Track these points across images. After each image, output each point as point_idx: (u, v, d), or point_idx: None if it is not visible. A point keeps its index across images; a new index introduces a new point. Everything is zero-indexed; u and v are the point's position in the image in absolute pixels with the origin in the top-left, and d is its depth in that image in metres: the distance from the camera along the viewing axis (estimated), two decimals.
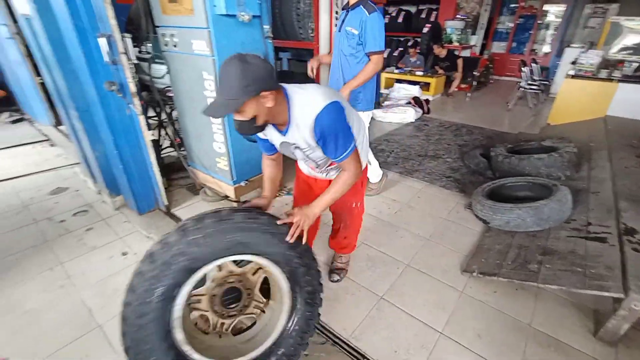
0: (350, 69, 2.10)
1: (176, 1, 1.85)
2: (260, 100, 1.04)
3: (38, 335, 1.58)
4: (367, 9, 1.91)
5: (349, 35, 2.00)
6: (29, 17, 1.93)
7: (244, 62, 0.98)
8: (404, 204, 2.77)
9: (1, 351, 1.51)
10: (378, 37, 1.93)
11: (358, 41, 1.98)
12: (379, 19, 1.91)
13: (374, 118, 5.08)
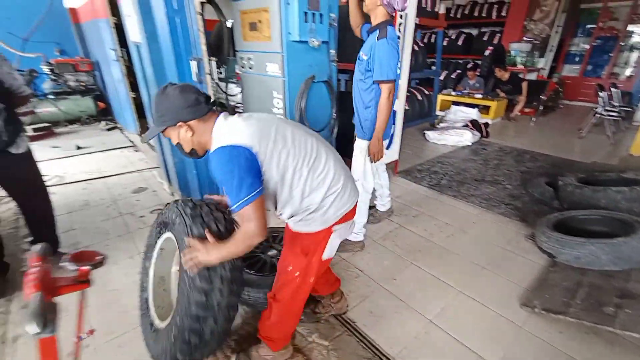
0: (360, 95, 2.01)
1: (256, 29, 2.10)
2: (179, 130, 1.08)
3: (119, 313, 1.82)
4: (379, 34, 1.79)
5: (360, 60, 1.93)
6: (139, 44, 2.33)
7: (162, 94, 1.05)
8: (458, 228, 2.68)
9: (89, 323, 1.76)
10: (385, 65, 1.79)
11: (367, 67, 1.89)
12: (386, 46, 1.77)
13: (428, 139, 5.02)
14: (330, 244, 1.26)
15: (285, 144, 1.10)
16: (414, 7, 2.87)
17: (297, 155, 1.11)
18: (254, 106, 2.49)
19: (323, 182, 1.15)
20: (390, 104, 1.88)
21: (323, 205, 1.17)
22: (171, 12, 1.97)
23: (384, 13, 1.83)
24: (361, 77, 1.95)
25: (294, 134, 1.15)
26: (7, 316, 1.80)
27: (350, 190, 1.25)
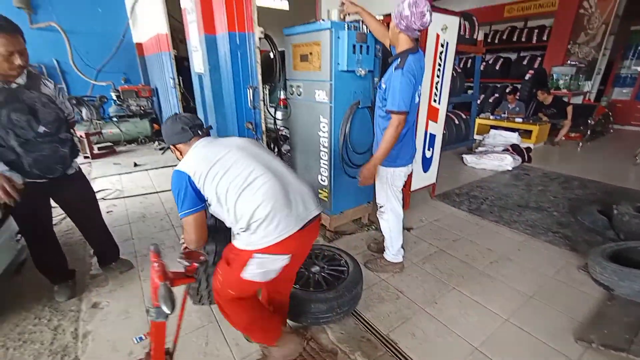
0: (378, 122, 2.03)
1: (307, 60, 2.30)
2: (174, 150, 1.45)
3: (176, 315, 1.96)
4: (398, 64, 1.77)
5: (379, 89, 1.94)
6: (202, 74, 2.63)
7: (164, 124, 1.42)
8: (501, 255, 2.60)
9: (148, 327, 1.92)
10: (397, 96, 1.76)
11: (384, 95, 1.89)
12: (400, 77, 1.74)
13: (466, 163, 4.95)
14: (250, 268, 1.27)
15: (222, 171, 1.26)
16: (454, 35, 2.98)
17: (228, 182, 1.25)
18: (301, 129, 2.66)
19: (248, 208, 1.23)
20: (396, 134, 1.84)
21: (249, 228, 1.24)
22: (234, 47, 2.23)
23: (406, 40, 1.80)
24: (380, 104, 1.96)
25: (237, 162, 1.29)
26: (78, 314, 2.01)
27: (280, 222, 1.23)
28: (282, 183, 1.31)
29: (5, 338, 1.82)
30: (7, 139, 1.63)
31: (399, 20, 1.74)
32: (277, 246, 1.24)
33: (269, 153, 1.47)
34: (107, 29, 5.78)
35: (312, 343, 1.75)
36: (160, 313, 0.81)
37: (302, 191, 1.36)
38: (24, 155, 1.69)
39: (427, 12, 1.68)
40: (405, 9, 1.69)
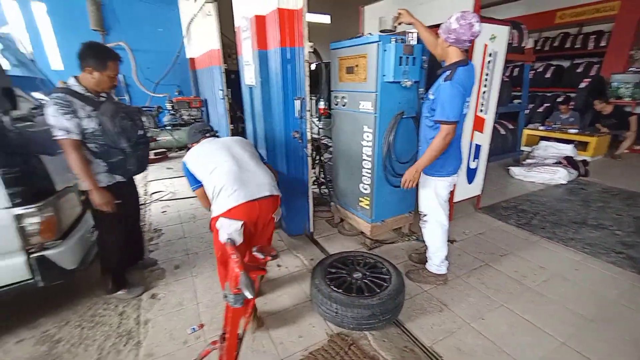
0: (425, 131, 2.04)
1: (353, 72, 2.38)
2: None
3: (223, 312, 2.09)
4: (447, 76, 1.79)
5: (427, 99, 1.95)
6: (253, 86, 2.81)
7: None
8: (555, 273, 2.45)
9: (200, 318, 2.05)
10: (447, 106, 1.77)
11: (432, 106, 1.90)
12: (449, 89, 1.76)
13: (513, 176, 4.71)
14: (220, 232, 1.70)
15: (206, 159, 1.83)
16: (503, 45, 2.91)
17: (207, 167, 1.79)
18: (344, 138, 2.74)
19: (216, 184, 1.72)
20: (444, 144, 1.85)
21: (214, 198, 1.74)
22: (285, 61, 2.38)
23: (456, 53, 1.82)
24: (427, 114, 1.97)
25: (216, 153, 1.84)
26: (140, 303, 2.21)
27: (232, 194, 1.68)
28: (241, 168, 1.80)
29: (81, 319, 2.05)
30: (118, 142, 1.95)
31: (447, 34, 1.77)
32: (230, 212, 1.67)
33: (243, 149, 1.95)
34: (166, 46, 6.37)
35: (353, 348, 1.78)
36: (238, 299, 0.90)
37: (257, 176, 1.83)
38: (130, 155, 2.03)
39: (475, 23, 1.70)
40: (453, 22, 1.73)
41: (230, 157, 1.82)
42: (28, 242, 1.77)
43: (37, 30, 5.55)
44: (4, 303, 2.14)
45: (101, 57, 1.88)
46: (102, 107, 1.92)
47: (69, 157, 1.83)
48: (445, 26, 1.77)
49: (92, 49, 1.88)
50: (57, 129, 1.77)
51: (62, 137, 1.78)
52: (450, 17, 1.74)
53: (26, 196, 1.72)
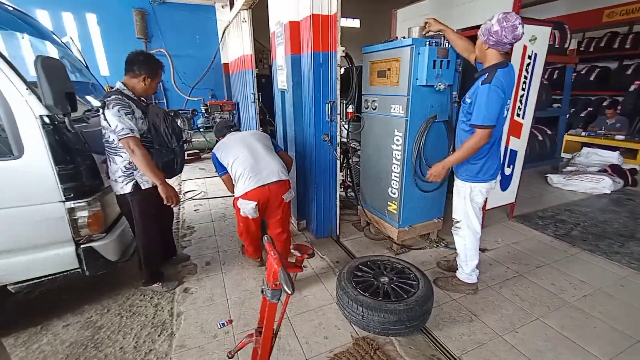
0: (461, 135, 1.99)
1: (385, 76, 2.38)
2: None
3: (250, 310, 2.15)
4: (485, 79, 1.74)
5: (464, 103, 1.91)
6: (285, 90, 2.89)
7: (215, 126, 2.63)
8: (598, 288, 2.29)
9: (229, 314, 2.12)
10: (484, 109, 1.72)
11: (469, 110, 1.85)
12: (487, 92, 1.70)
13: (551, 184, 4.47)
14: (240, 208, 2.21)
15: (227, 152, 2.31)
16: (544, 46, 2.79)
17: (229, 157, 2.28)
18: (373, 142, 2.73)
19: (236, 172, 2.22)
20: (476, 147, 1.81)
21: (235, 183, 2.27)
22: (317, 65, 2.42)
23: (495, 55, 1.77)
24: (464, 118, 1.93)
25: (236, 145, 2.32)
26: (173, 296, 2.32)
27: (251, 179, 2.16)
28: (255, 158, 2.24)
29: (120, 308, 2.19)
30: (170, 142, 2.14)
31: (487, 36, 1.72)
32: (246, 195, 2.17)
33: (258, 140, 2.38)
34: (202, 52, 6.68)
35: (379, 353, 1.76)
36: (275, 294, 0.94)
37: (269, 164, 2.25)
38: (179, 155, 2.23)
39: (519, 24, 1.64)
40: (494, 24, 1.67)
41: (246, 149, 2.28)
42: (78, 233, 1.92)
43: (89, 38, 6.01)
44: (53, 290, 2.35)
45: (154, 66, 2.06)
46: (153, 109, 2.09)
47: (135, 153, 1.89)
48: (485, 28, 1.71)
49: (148, 58, 2.05)
50: (121, 127, 1.85)
51: (127, 135, 1.86)
52: (491, 18, 1.68)
53: (78, 191, 1.87)
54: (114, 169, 2.02)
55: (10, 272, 1.83)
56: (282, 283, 0.88)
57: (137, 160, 1.93)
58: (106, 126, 1.92)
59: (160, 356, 1.79)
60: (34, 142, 1.71)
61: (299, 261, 1.16)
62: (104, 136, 1.98)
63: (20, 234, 1.81)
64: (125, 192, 2.04)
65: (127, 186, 2.03)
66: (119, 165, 2.01)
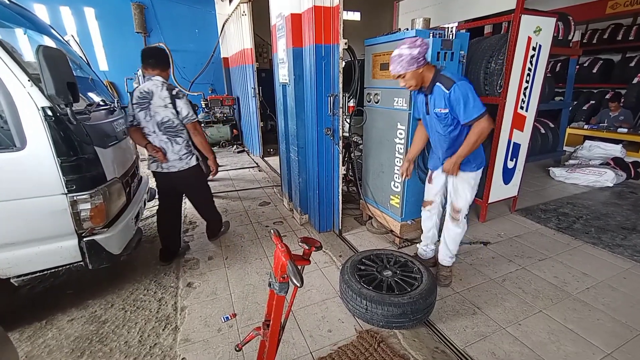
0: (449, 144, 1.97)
1: (387, 69, 2.34)
2: None
3: (254, 304, 2.16)
4: (445, 85, 1.77)
5: (440, 116, 1.88)
6: (286, 84, 2.86)
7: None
8: (600, 281, 2.29)
9: (232, 308, 2.13)
10: (471, 101, 1.73)
11: (451, 119, 1.85)
12: (460, 88, 1.73)
13: (553, 177, 4.46)
14: None
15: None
16: (548, 38, 2.76)
17: None
18: (376, 136, 2.71)
19: None
20: (486, 134, 1.80)
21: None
22: (319, 58, 2.39)
23: (430, 68, 1.83)
24: (449, 129, 1.90)
25: None
26: (177, 290, 2.32)
27: None
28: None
29: (124, 303, 2.20)
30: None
31: (417, 63, 1.76)
32: None
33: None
34: (201, 46, 6.63)
35: (382, 345, 1.76)
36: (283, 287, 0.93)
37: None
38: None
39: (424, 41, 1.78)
40: (413, 51, 1.74)
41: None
42: (81, 226, 1.91)
43: (88, 33, 5.96)
44: (57, 285, 2.36)
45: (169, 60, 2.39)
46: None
47: (199, 134, 2.39)
48: (407, 61, 1.75)
49: (167, 54, 2.35)
50: (191, 114, 2.29)
51: (194, 119, 2.33)
52: (401, 53, 1.76)
53: (80, 184, 1.86)
54: (176, 148, 2.37)
55: (14, 264, 1.83)
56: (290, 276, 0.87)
57: (200, 138, 2.40)
58: (171, 113, 2.25)
59: (165, 350, 1.80)
60: (36, 134, 1.70)
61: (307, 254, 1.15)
62: (164, 123, 2.28)
63: (23, 227, 1.80)
64: (191, 164, 2.44)
65: (191, 160, 2.44)
66: (182, 145, 2.38)
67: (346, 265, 2.13)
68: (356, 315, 1.95)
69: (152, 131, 2.32)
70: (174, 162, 2.38)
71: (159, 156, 2.33)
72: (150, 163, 2.45)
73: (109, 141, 2.20)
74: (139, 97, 2.26)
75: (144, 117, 2.28)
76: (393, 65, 1.80)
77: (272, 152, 5.84)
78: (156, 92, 2.21)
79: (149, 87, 2.22)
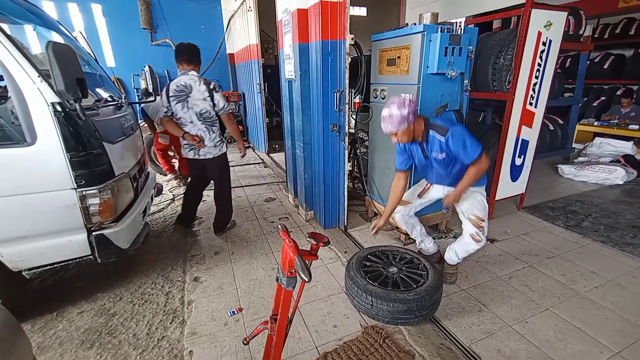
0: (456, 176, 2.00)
1: (394, 65, 2.34)
2: None
3: (259, 299, 2.17)
4: (439, 132, 1.85)
5: (439, 161, 1.95)
6: (292, 80, 2.86)
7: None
8: (609, 280, 2.27)
9: (239, 302, 2.15)
10: (469, 145, 1.80)
11: (448, 160, 1.92)
12: (455, 134, 1.80)
13: (562, 174, 4.40)
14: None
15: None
16: (559, 33, 2.71)
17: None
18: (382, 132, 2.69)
19: None
20: (484, 170, 1.87)
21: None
22: (325, 54, 2.38)
23: (417, 122, 1.88)
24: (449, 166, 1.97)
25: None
26: (184, 284, 2.35)
27: None
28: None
29: (132, 296, 2.23)
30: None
31: (407, 121, 1.80)
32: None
33: None
34: (207, 42, 6.62)
35: (387, 341, 1.77)
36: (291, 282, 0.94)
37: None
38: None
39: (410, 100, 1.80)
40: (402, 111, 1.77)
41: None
42: (90, 221, 1.94)
43: (95, 29, 6.00)
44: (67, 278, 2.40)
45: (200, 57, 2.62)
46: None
47: (233, 123, 2.70)
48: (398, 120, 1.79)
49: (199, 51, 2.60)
50: (226, 105, 2.59)
51: (229, 110, 2.63)
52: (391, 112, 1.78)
53: (89, 179, 1.89)
54: (212, 136, 2.62)
55: (25, 258, 1.87)
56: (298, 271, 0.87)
57: (234, 127, 2.72)
58: (209, 105, 2.52)
59: (173, 343, 1.82)
60: (46, 129, 1.72)
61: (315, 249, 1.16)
62: (203, 114, 2.53)
63: (34, 221, 1.83)
64: (223, 151, 2.72)
65: (223, 147, 2.72)
66: (216, 133, 2.64)
67: (352, 262, 2.14)
68: (361, 311, 1.96)
69: (190, 121, 2.55)
70: (210, 149, 2.63)
71: (198, 144, 2.56)
72: (188, 151, 2.68)
73: (117, 137, 2.22)
74: (176, 90, 2.47)
75: (182, 109, 2.51)
76: (385, 124, 1.85)
77: (277, 148, 5.85)
78: (194, 86, 2.45)
79: (185, 81, 2.45)
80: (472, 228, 2.01)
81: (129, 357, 1.74)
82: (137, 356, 1.74)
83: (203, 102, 2.49)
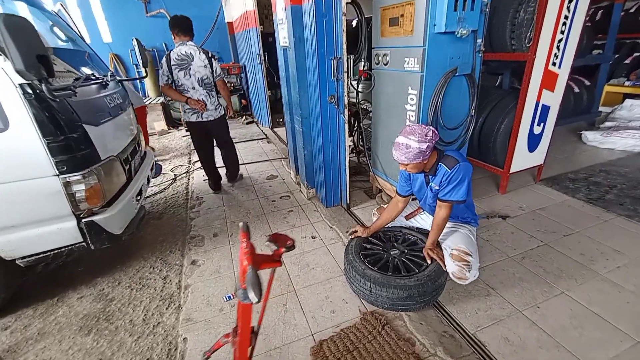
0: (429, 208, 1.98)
1: (397, 24, 2.06)
2: None
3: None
4: (448, 164, 1.71)
5: (434, 191, 1.82)
6: (287, 48, 2.61)
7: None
8: (634, 259, 2.08)
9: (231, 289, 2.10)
10: (463, 188, 1.69)
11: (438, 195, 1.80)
12: (464, 169, 1.68)
13: (585, 142, 4.07)
14: None
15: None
16: None
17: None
18: (385, 102, 2.47)
19: None
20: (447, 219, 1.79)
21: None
22: (320, 15, 2.12)
23: (432, 155, 1.73)
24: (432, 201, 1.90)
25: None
26: (181, 268, 2.31)
27: None
28: None
29: (130, 281, 2.21)
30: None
31: (423, 154, 1.64)
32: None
33: None
34: (204, 11, 6.27)
35: (387, 328, 1.68)
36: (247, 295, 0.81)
37: None
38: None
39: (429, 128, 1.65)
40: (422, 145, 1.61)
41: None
42: (77, 207, 1.87)
43: (88, 4, 5.72)
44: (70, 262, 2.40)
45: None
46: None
47: (226, 87, 3.04)
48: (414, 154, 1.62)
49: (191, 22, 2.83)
50: (222, 73, 2.94)
51: (223, 76, 2.95)
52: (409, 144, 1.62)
53: (71, 164, 1.79)
54: (212, 100, 2.95)
55: (15, 246, 1.83)
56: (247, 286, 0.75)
57: (226, 91, 3.04)
58: (209, 72, 2.85)
59: (168, 329, 1.80)
60: (17, 113, 1.61)
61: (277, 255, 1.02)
62: (204, 80, 2.86)
63: (18, 209, 1.77)
64: (222, 113, 3.06)
65: (222, 110, 3.05)
66: (215, 97, 2.97)
67: (351, 244, 2.02)
68: (360, 296, 1.87)
69: (192, 87, 2.85)
70: (211, 112, 2.97)
71: (201, 107, 2.87)
72: (191, 115, 2.96)
73: (101, 118, 2.09)
74: (178, 59, 2.75)
75: (184, 76, 2.80)
76: (398, 153, 1.68)
77: (281, 123, 5.65)
78: (195, 54, 2.76)
79: (186, 51, 2.75)
80: (453, 266, 1.71)
81: (125, 344, 1.73)
82: (133, 343, 1.73)
83: (204, 69, 2.80)
